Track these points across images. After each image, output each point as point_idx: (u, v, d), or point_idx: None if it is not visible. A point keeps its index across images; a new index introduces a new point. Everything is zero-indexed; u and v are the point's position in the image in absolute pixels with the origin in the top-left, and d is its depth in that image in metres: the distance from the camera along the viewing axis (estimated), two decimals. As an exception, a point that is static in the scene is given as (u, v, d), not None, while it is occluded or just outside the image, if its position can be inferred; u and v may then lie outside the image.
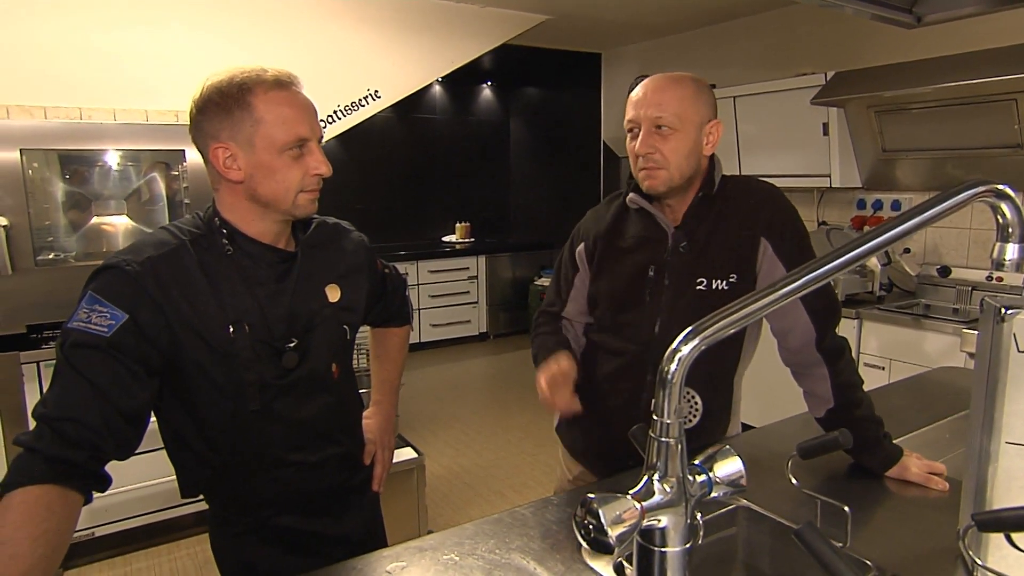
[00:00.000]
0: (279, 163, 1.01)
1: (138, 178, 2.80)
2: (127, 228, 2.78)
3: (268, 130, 1.00)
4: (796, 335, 1.26)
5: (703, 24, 4.40)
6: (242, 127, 1.00)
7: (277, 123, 1.00)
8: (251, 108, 0.99)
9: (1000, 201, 0.67)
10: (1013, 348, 0.88)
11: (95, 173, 2.67)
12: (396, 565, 1.00)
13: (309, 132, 1.03)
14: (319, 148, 1.06)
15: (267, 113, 1.00)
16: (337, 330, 1.18)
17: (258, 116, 1.00)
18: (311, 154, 1.04)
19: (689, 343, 0.60)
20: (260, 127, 1.00)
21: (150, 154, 2.72)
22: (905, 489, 1.23)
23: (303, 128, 1.02)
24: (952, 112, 3.03)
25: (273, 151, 1.00)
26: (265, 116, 1.00)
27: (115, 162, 2.71)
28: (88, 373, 0.92)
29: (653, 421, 0.60)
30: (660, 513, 0.59)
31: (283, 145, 1.01)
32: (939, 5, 1.68)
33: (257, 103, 0.99)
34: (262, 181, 1.02)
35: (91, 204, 2.68)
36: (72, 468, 0.88)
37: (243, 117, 0.99)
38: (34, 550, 0.81)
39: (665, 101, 1.24)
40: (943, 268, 3.26)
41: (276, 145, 1.00)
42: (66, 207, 2.54)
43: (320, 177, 1.05)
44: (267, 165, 1.01)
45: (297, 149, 1.02)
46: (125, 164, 2.74)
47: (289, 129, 1.01)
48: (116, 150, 2.64)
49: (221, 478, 1.11)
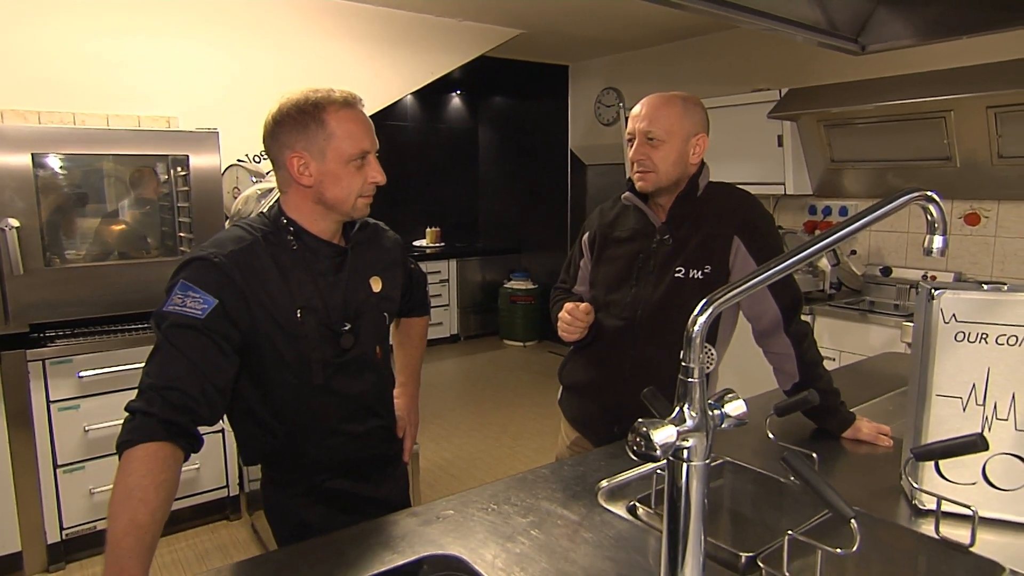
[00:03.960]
0: (345, 172, 1.19)
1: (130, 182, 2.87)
2: (123, 230, 2.86)
3: (338, 143, 1.17)
4: (765, 320, 1.49)
5: (665, 40, 4.68)
6: (316, 140, 1.17)
7: (346, 137, 1.17)
8: (324, 124, 1.16)
9: (928, 204, 0.90)
10: (940, 320, 1.12)
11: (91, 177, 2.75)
12: (446, 512, 1.18)
13: (371, 145, 1.21)
14: (376, 159, 1.23)
15: (338, 128, 1.17)
16: (379, 317, 1.36)
17: (330, 131, 1.17)
18: (371, 165, 1.22)
19: (706, 311, 0.80)
20: (332, 140, 1.17)
21: (141, 159, 2.79)
22: (858, 447, 1.47)
23: (366, 142, 1.20)
24: (892, 127, 3.36)
25: (341, 161, 1.18)
26: (336, 131, 1.17)
27: (108, 167, 2.78)
28: (186, 350, 1.07)
29: (682, 367, 0.80)
30: (689, 435, 0.79)
31: (350, 157, 1.18)
32: (880, 36, 1.95)
33: (330, 119, 1.17)
34: (330, 187, 1.19)
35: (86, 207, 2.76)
36: (179, 428, 1.03)
37: (317, 131, 1.16)
38: (157, 495, 0.96)
39: (656, 117, 1.50)
40: (885, 268, 3.60)
41: (344, 156, 1.18)
42: (71, 210, 2.61)
43: (376, 184, 1.23)
44: (335, 173, 1.18)
45: (360, 160, 1.20)
46: (118, 169, 2.82)
47: (356, 143, 1.18)
48: (109, 155, 2.71)
49: (283, 446, 1.27)
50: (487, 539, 1.09)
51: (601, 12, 3.94)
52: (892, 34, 1.92)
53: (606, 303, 1.61)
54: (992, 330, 1.09)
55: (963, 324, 1.11)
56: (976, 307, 1.10)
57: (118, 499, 0.95)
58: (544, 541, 1.09)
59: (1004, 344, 1.09)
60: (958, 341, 1.11)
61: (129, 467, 0.97)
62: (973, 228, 3.37)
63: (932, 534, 1.06)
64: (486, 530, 1.12)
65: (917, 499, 1.15)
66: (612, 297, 1.59)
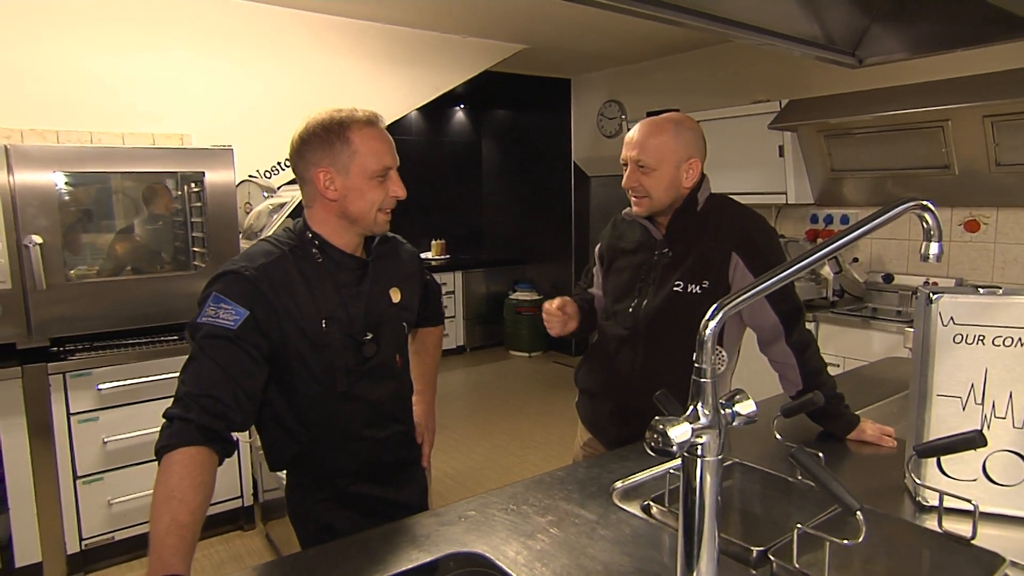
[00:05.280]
0: (368, 186, 1.25)
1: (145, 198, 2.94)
2: (138, 246, 2.93)
3: (362, 160, 1.23)
4: (767, 331, 1.54)
5: (666, 53, 4.77)
6: (341, 156, 1.23)
7: (370, 154, 1.24)
8: (349, 141, 1.23)
9: (924, 212, 0.95)
10: (939, 323, 1.17)
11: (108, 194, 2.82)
12: (468, 512, 1.23)
13: (392, 162, 1.27)
14: (397, 175, 1.29)
15: (362, 145, 1.23)
16: (399, 326, 1.41)
17: (355, 148, 1.23)
18: (392, 180, 1.28)
19: (716, 316, 0.85)
20: (356, 157, 1.23)
21: (157, 176, 2.86)
22: (863, 448, 1.52)
23: (389, 159, 1.26)
24: (890, 137, 3.43)
25: (365, 176, 1.24)
26: (360, 148, 1.23)
27: (127, 184, 2.86)
28: (219, 359, 1.12)
29: (695, 368, 0.85)
30: (703, 432, 0.84)
31: (374, 172, 1.24)
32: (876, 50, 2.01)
33: (354, 137, 1.23)
34: (354, 200, 1.25)
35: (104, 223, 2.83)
36: (215, 434, 1.08)
37: (342, 148, 1.23)
38: (196, 496, 1.01)
39: (647, 146, 1.54)
40: (887, 275, 3.65)
41: (368, 172, 1.24)
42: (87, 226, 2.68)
43: (396, 199, 1.29)
44: (358, 188, 1.24)
45: (382, 176, 1.26)
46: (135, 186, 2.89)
47: (379, 159, 1.24)
48: (127, 172, 2.77)
49: (308, 452, 1.32)
50: (508, 537, 1.14)
51: (602, 27, 4.03)
52: (888, 48, 1.98)
53: (613, 312, 1.67)
54: (989, 332, 1.14)
55: (961, 326, 1.16)
56: (973, 310, 1.15)
57: (160, 500, 1.00)
58: (563, 538, 1.13)
59: (1000, 345, 1.14)
60: (956, 343, 1.16)
61: (169, 470, 1.03)
62: (973, 235, 3.42)
63: (935, 528, 1.10)
64: (507, 529, 1.17)
65: (920, 495, 1.20)
66: (618, 307, 1.65)
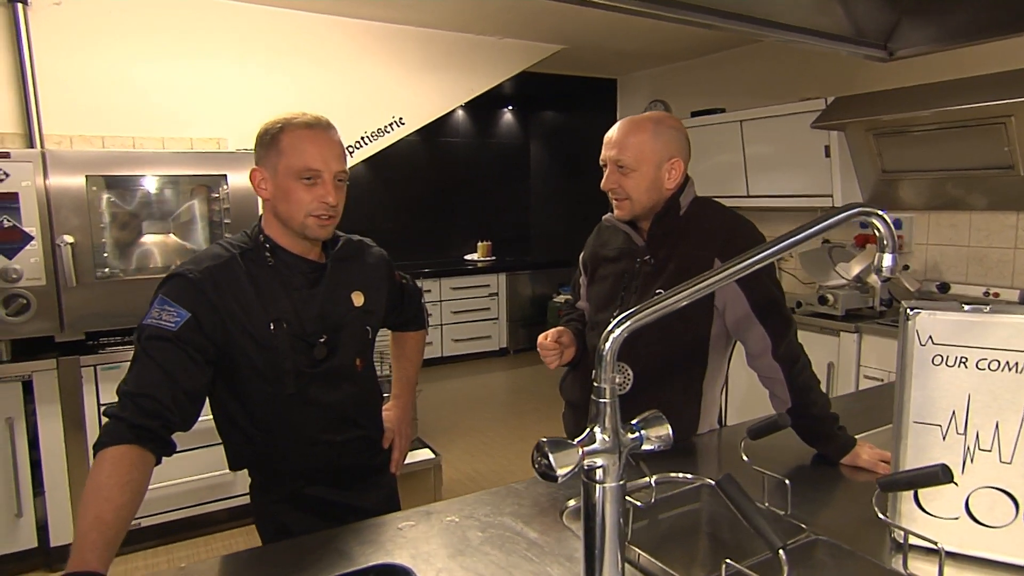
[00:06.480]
0: (293, 188, 1.24)
1: (183, 200, 3.06)
2: (173, 246, 3.05)
3: (287, 160, 1.24)
4: (752, 344, 1.44)
5: (712, 51, 4.60)
6: (271, 156, 1.25)
7: (294, 154, 1.23)
8: (279, 141, 1.24)
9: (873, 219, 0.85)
10: (916, 341, 1.05)
11: (145, 196, 2.95)
12: (406, 524, 1.20)
13: (321, 165, 1.24)
14: (332, 182, 1.26)
15: (289, 146, 1.24)
16: (361, 330, 1.40)
17: (282, 148, 1.24)
18: (322, 185, 1.25)
19: (619, 327, 0.79)
20: (282, 157, 1.24)
21: (194, 179, 2.98)
22: (858, 474, 1.39)
23: (316, 162, 1.24)
24: (945, 135, 3.17)
25: (290, 177, 1.24)
26: (287, 148, 1.24)
27: (163, 186, 2.98)
28: (159, 359, 1.14)
29: (593, 387, 0.79)
30: (598, 456, 0.78)
31: (296, 172, 1.23)
32: (908, 41, 1.87)
33: (284, 138, 1.24)
34: (280, 201, 1.26)
35: (142, 224, 2.96)
36: (149, 433, 1.10)
37: (273, 148, 1.25)
38: (123, 494, 1.03)
39: (626, 144, 1.46)
40: (942, 284, 3.38)
41: (292, 171, 1.23)
42: (120, 227, 2.81)
43: (327, 205, 1.25)
44: (284, 188, 1.25)
45: (310, 179, 1.24)
46: (172, 188, 3.01)
47: (302, 159, 1.23)
48: (164, 175, 2.90)
49: (263, 453, 1.33)
50: (439, 551, 1.10)
51: (641, 26, 3.91)
52: (921, 39, 1.85)
53: (595, 322, 1.60)
54: (972, 354, 1.02)
55: (940, 346, 1.04)
56: (954, 329, 1.03)
57: (87, 496, 1.02)
58: (494, 558, 1.08)
59: (985, 369, 1.01)
60: (936, 364, 1.04)
61: (99, 467, 1.05)
62: (1041, 242, 3.12)
63: (899, 570, 0.99)
64: (441, 543, 1.13)
65: (893, 532, 1.08)
66: (600, 316, 1.58)
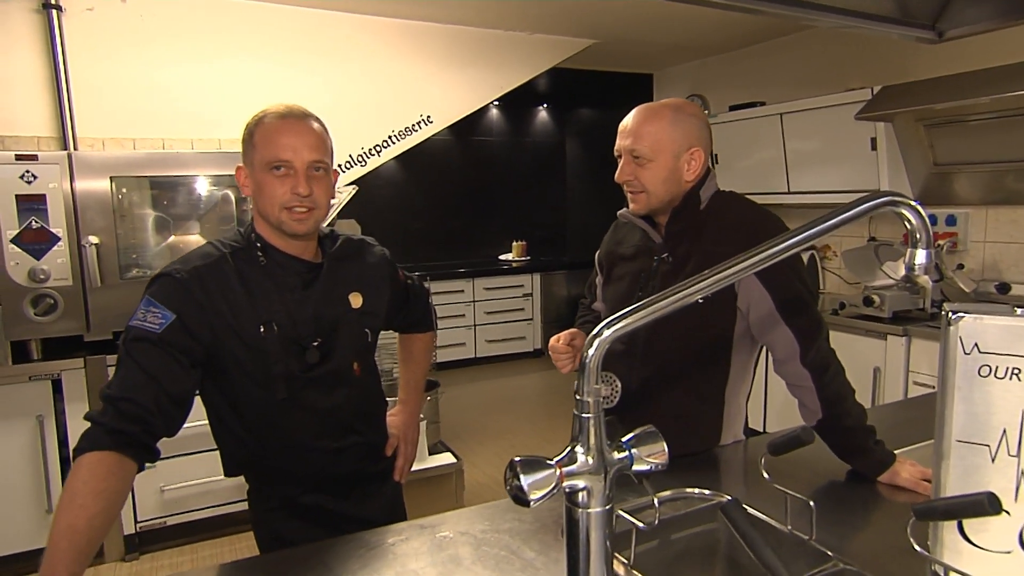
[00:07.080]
0: (266, 180, 1.19)
1: (211, 200, 3.08)
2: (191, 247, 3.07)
3: (260, 151, 1.19)
4: (780, 349, 1.32)
5: (752, 42, 4.41)
6: (248, 151, 1.21)
7: (264, 145, 1.18)
8: (253, 135, 1.20)
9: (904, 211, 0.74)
10: (960, 350, 0.93)
11: (174, 197, 2.97)
12: (397, 539, 1.13)
13: (291, 155, 1.18)
14: (304, 172, 1.19)
15: (261, 138, 1.19)
16: (359, 332, 1.33)
17: (255, 142, 1.20)
18: (294, 176, 1.19)
19: (604, 332, 0.70)
20: (255, 149, 1.20)
21: (222, 179, 2.99)
22: (897, 494, 1.26)
23: (285, 152, 1.18)
24: (1006, 124, 2.95)
25: (262, 168, 1.19)
26: (259, 140, 1.19)
27: (189, 186, 2.99)
28: (143, 362, 1.10)
29: (576, 400, 0.70)
30: (579, 478, 0.69)
31: (266, 163, 1.18)
32: (958, 21, 1.73)
33: (257, 130, 1.20)
34: (258, 196, 1.21)
35: (170, 224, 2.98)
36: (129, 439, 1.05)
37: (249, 142, 1.21)
38: (96, 502, 0.99)
39: (642, 133, 1.35)
40: (1002, 285, 3.15)
41: (262, 161, 1.18)
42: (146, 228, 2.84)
43: (300, 196, 1.18)
44: (259, 181, 1.20)
45: (279, 170, 1.18)
46: (198, 188, 3.03)
47: (271, 150, 1.18)
48: (193, 176, 2.92)
49: (256, 458, 1.28)
50: (425, 569, 1.03)
51: (675, 17, 3.78)
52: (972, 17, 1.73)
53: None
54: (1026, 364, 0.89)
55: (988, 355, 0.91)
56: (1004, 335, 0.91)
57: (61, 503, 0.99)
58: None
59: (1042, 381, 0.88)
60: (983, 376, 0.92)
61: (76, 474, 1.01)
62: (1113, 239, 2.87)
63: (938, 610, 0.87)
64: (430, 560, 1.06)
65: (932, 566, 0.96)
66: None
